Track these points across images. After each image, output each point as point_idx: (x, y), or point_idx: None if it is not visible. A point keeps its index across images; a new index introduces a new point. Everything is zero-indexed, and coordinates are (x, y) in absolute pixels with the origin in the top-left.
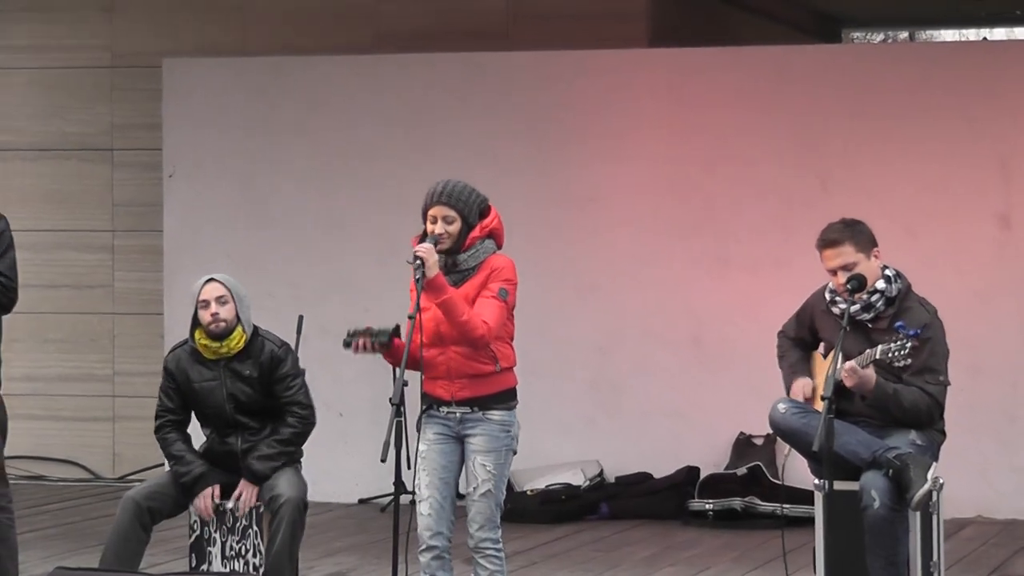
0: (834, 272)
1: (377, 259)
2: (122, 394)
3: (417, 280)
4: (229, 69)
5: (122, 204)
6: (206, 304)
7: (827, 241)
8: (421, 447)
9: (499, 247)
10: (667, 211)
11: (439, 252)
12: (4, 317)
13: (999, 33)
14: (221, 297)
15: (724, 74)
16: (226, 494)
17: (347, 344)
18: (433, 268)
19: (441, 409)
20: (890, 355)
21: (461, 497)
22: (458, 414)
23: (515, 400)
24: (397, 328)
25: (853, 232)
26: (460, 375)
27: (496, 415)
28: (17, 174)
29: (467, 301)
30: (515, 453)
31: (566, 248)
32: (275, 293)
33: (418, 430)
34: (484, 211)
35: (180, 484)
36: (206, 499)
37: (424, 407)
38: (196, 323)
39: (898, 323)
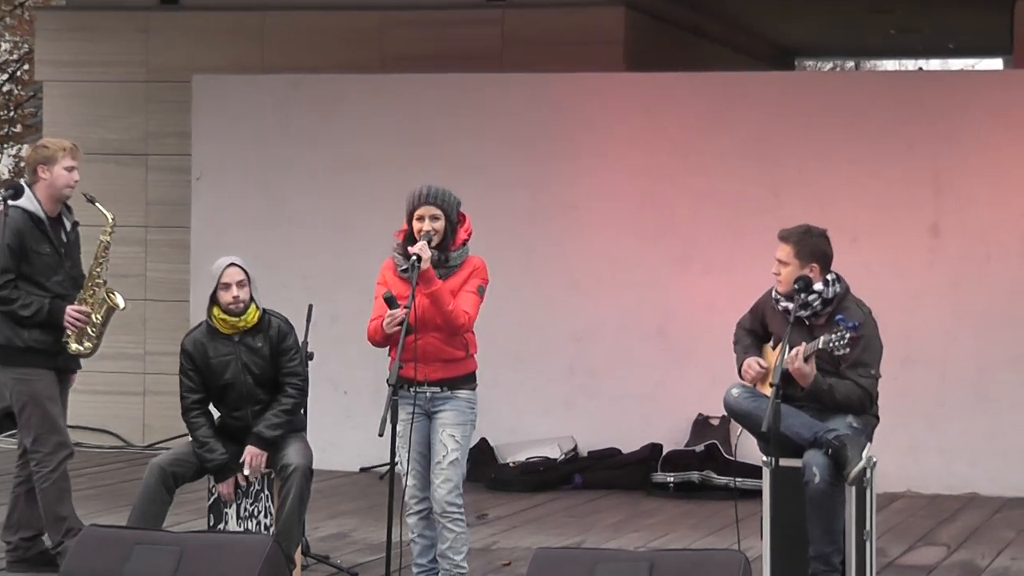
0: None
1: (380, 256)
2: (152, 371)
3: (408, 275)
4: (251, 84)
5: (154, 203)
6: (227, 286)
7: (779, 234)
8: (399, 427)
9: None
10: (638, 218)
11: (431, 248)
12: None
13: (934, 64)
14: (241, 282)
15: (690, 96)
16: (242, 464)
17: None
18: (426, 263)
19: (411, 390)
20: (831, 345)
21: None
22: (428, 393)
23: (476, 382)
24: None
25: (800, 239)
26: (435, 359)
27: (463, 394)
28: None
29: (452, 293)
30: (474, 427)
31: (550, 250)
32: (289, 285)
33: (391, 410)
34: (459, 209)
35: (204, 468)
36: (229, 486)
37: (398, 387)
38: (214, 301)
39: (838, 316)
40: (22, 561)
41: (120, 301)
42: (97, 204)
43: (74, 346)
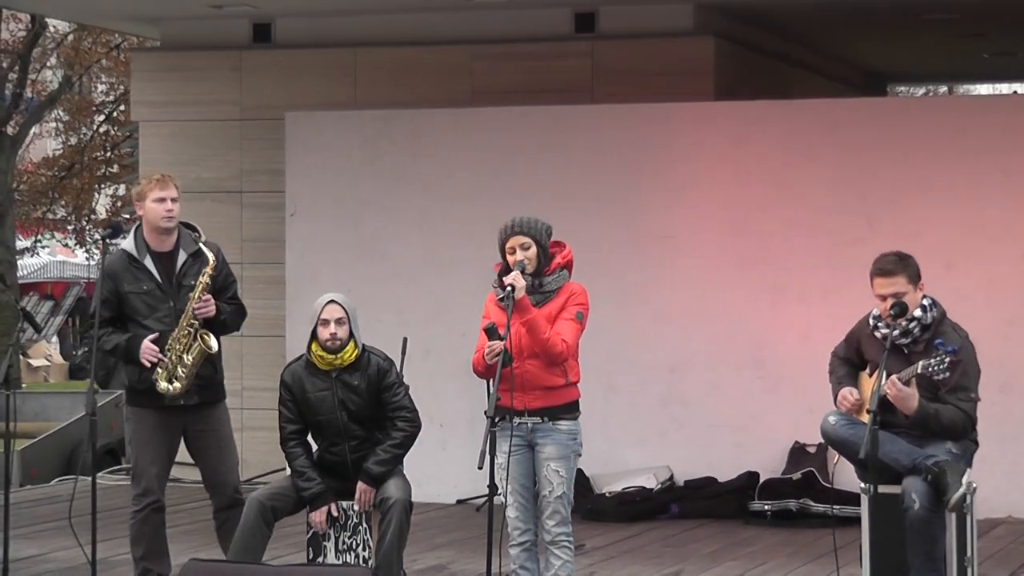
0: (883, 298)
1: (473, 290)
2: (249, 407)
3: (505, 305)
4: (343, 121)
5: (249, 240)
6: (326, 323)
7: (883, 270)
8: (500, 459)
9: (570, 275)
10: (731, 247)
11: (525, 276)
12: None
13: None
14: (340, 319)
15: (781, 125)
16: (339, 495)
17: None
18: (521, 291)
19: (513, 420)
20: (930, 369)
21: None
22: (529, 424)
23: (579, 411)
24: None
25: (906, 265)
26: (534, 387)
27: (564, 425)
28: None
29: (548, 320)
30: (580, 456)
31: (642, 280)
32: (383, 319)
33: (489, 439)
34: (550, 235)
35: (300, 496)
36: (322, 515)
37: (497, 419)
38: (314, 337)
39: (937, 340)
40: None
41: (213, 344)
42: (201, 244)
43: (163, 385)
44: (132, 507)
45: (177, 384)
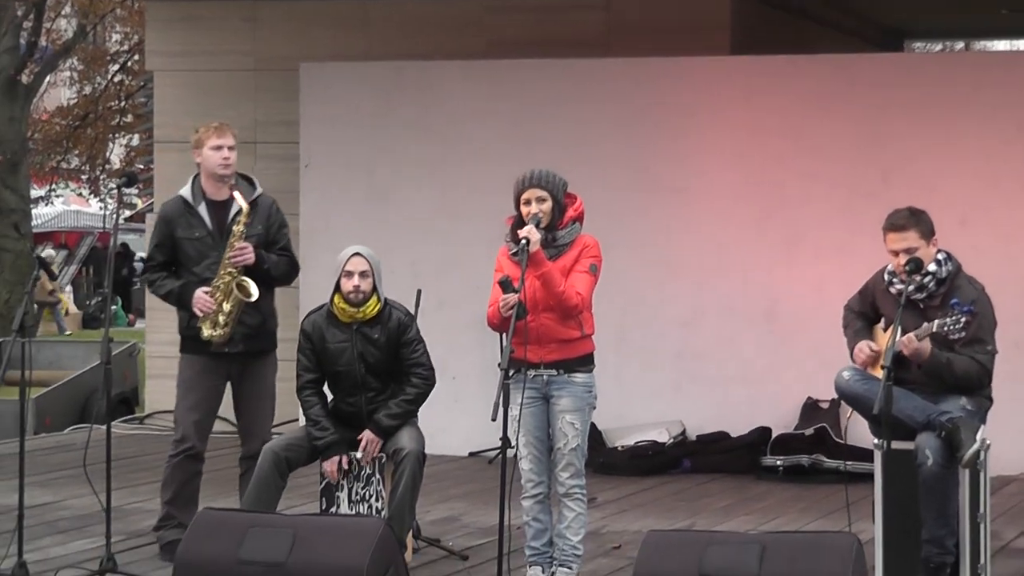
0: (896, 254)
1: (487, 241)
2: None
3: (519, 258)
4: (357, 72)
5: (264, 190)
6: (350, 275)
7: (895, 225)
8: (514, 411)
9: (581, 228)
10: (746, 201)
11: (539, 230)
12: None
13: None
14: (364, 272)
15: (797, 79)
16: (352, 447)
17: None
18: (535, 245)
19: (529, 372)
20: (945, 329)
21: None
22: (545, 376)
23: (594, 363)
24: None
25: (918, 220)
26: (550, 340)
27: (579, 377)
28: (174, 163)
29: (563, 273)
30: (594, 408)
31: (656, 233)
32: (396, 271)
33: (503, 392)
34: (565, 191)
35: (313, 446)
36: (333, 465)
37: (512, 371)
38: (337, 288)
39: (953, 300)
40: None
41: (252, 291)
42: (235, 194)
43: (207, 332)
44: (169, 451)
45: (219, 331)
